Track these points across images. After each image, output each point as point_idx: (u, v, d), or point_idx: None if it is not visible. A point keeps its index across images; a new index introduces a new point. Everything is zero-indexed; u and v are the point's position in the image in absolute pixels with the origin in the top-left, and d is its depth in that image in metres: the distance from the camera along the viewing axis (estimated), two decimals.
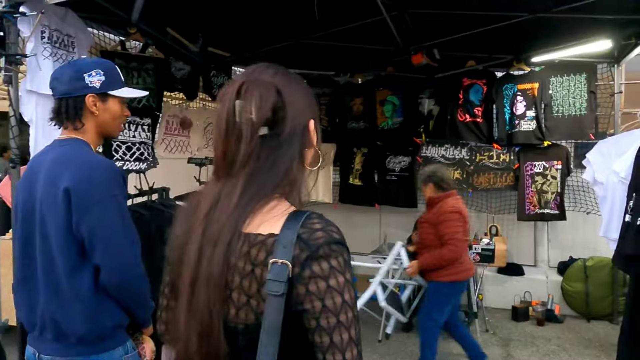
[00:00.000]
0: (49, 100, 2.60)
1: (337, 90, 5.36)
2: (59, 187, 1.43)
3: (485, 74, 4.78)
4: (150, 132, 3.38)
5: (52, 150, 1.57)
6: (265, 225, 0.87)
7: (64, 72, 1.61)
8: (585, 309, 4.60)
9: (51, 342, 1.49)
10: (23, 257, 1.55)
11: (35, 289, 1.51)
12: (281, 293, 0.82)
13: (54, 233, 1.45)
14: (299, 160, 0.93)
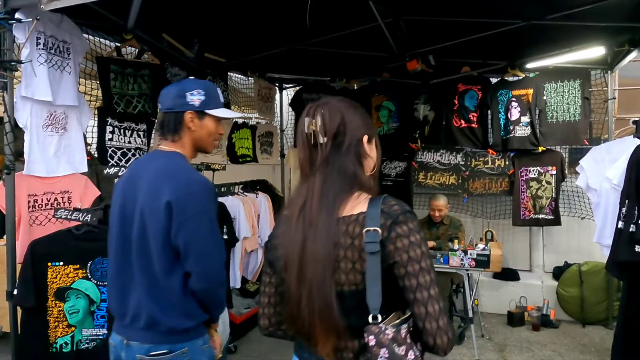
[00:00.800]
0: (44, 107, 2.63)
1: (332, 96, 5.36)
2: (161, 199, 1.60)
3: (480, 80, 4.81)
4: (145, 138, 3.37)
5: (154, 159, 1.75)
6: (355, 208, 1.17)
7: (171, 89, 1.76)
8: (580, 314, 4.61)
9: (142, 330, 1.66)
10: (118, 253, 1.72)
11: (129, 283, 1.69)
12: (377, 251, 1.10)
13: (153, 237, 1.63)
14: (359, 166, 1.23)
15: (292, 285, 1.19)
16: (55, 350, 2.36)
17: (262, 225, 4.47)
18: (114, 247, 1.74)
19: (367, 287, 1.11)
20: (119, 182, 1.81)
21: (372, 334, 1.08)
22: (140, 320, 1.66)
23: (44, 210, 2.68)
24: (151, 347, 1.65)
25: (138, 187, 1.68)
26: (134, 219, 1.66)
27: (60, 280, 2.37)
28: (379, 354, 1.07)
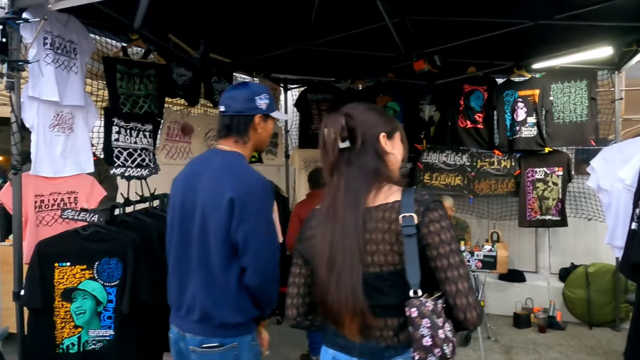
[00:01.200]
0: (51, 107, 2.62)
1: (337, 97, 5.35)
2: (224, 195, 1.67)
3: (486, 81, 4.79)
4: (151, 139, 3.37)
5: (215, 158, 1.81)
6: (389, 197, 1.30)
7: (238, 93, 1.84)
8: (587, 315, 4.58)
9: (196, 322, 1.74)
10: (178, 247, 1.80)
11: (187, 276, 1.77)
12: (413, 234, 1.23)
13: (213, 232, 1.69)
14: (380, 162, 1.36)
15: (322, 273, 1.32)
16: (62, 351, 2.35)
17: None
18: (175, 241, 1.82)
19: (407, 266, 1.24)
20: (177, 179, 1.89)
21: (414, 307, 1.21)
22: (195, 312, 1.74)
23: (50, 211, 2.67)
24: (203, 340, 1.73)
25: (199, 184, 1.76)
26: (195, 214, 1.74)
27: (67, 281, 2.36)
28: (421, 324, 1.19)
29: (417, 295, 1.22)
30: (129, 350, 2.42)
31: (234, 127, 1.82)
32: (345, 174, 1.34)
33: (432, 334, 1.18)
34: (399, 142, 1.42)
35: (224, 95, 1.85)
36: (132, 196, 3.08)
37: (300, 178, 5.49)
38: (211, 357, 1.73)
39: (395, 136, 1.41)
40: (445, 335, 1.20)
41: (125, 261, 2.38)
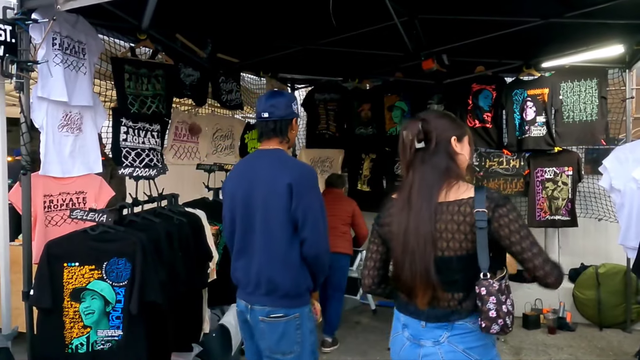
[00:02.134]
0: (60, 107, 2.62)
1: (345, 96, 5.34)
2: (283, 182, 2.00)
3: (495, 80, 4.75)
4: (159, 139, 3.36)
5: (264, 156, 2.15)
6: (462, 194, 1.55)
7: (279, 101, 2.15)
8: (597, 316, 4.53)
9: (263, 296, 2.04)
10: (243, 233, 2.11)
11: (252, 257, 2.07)
12: (485, 227, 1.50)
13: (276, 214, 2.01)
14: (451, 161, 1.61)
15: (397, 254, 1.62)
16: (71, 351, 2.36)
17: None
18: (238, 228, 2.13)
19: (478, 253, 1.51)
20: (231, 177, 2.24)
21: (483, 286, 1.50)
22: (262, 287, 2.04)
23: (59, 211, 2.68)
24: (270, 311, 2.03)
25: (255, 178, 2.09)
26: (256, 203, 2.05)
27: (76, 281, 2.36)
28: (489, 300, 1.48)
29: (487, 277, 1.50)
30: (138, 350, 2.41)
31: (277, 130, 2.13)
32: (420, 170, 1.61)
33: (497, 308, 1.48)
34: (467, 144, 1.68)
35: (265, 104, 2.15)
36: (140, 196, 3.08)
37: None
38: (277, 325, 2.03)
39: (464, 139, 1.67)
40: (507, 309, 1.50)
41: (133, 261, 2.38)
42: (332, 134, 5.42)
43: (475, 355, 1.55)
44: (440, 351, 1.56)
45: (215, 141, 4.12)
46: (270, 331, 2.04)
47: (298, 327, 2.04)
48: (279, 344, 2.04)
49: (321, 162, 5.46)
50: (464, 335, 1.55)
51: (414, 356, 1.61)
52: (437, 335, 1.57)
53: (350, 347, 4.22)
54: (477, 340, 1.56)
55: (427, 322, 1.58)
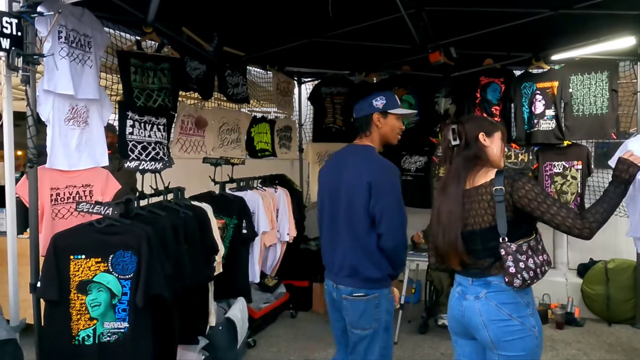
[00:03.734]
0: (66, 100, 2.63)
1: (352, 90, 5.31)
2: (363, 180, 2.20)
3: (503, 73, 4.70)
4: (165, 132, 3.36)
5: (353, 152, 2.36)
6: (487, 178, 1.89)
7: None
8: (606, 312, 4.49)
9: (346, 277, 2.29)
10: (330, 221, 2.37)
11: (337, 243, 2.32)
12: (502, 200, 1.81)
13: (356, 208, 2.23)
14: (481, 152, 1.98)
15: (434, 228, 2.01)
16: (78, 342, 2.38)
17: (280, 220, 4.45)
18: (327, 216, 2.40)
19: (498, 222, 1.82)
20: (324, 170, 2.51)
21: (502, 248, 1.80)
22: (345, 269, 2.28)
23: (66, 204, 2.69)
24: (353, 290, 2.26)
25: (343, 172, 2.30)
26: (342, 195, 2.28)
27: (82, 274, 2.38)
28: (507, 259, 1.79)
29: (505, 241, 1.80)
30: (144, 342, 2.43)
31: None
32: (455, 163, 1.98)
33: (515, 265, 1.77)
34: (497, 139, 2.02)
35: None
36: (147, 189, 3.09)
37: (314, 172, 5.46)
38: (359, 303, 2.26)
39: (495, 135, 2.01)
40: (525, 265, 1.78)
41: (139, 254, 2.39)
42: (338, 127, 5.40)
43: (506, 310, 1.83)
44: (478, 305, 1.89)
45: (222, 135, 4.12)
46: (352, 308, 2.28)
47: (376, 306, 2.28)
48: (359, 320, 2.29)
49: (328, 156, 5.44)
50: (498, 292, 1.86)
51: (459, 307, 1.97)
52: (478, 291, 1.90)
53: None
54: (509, 298, 1.84)
55: (473, 280, 1.93)
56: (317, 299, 5.00)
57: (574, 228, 1.72)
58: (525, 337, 1.83)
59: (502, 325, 1.83)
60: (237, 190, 4.08)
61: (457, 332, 2.05)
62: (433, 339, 4.22)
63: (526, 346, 1.83)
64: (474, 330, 1.92)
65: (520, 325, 1.83)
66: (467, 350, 2.03)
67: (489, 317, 1.85)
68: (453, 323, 2.05)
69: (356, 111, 2.39)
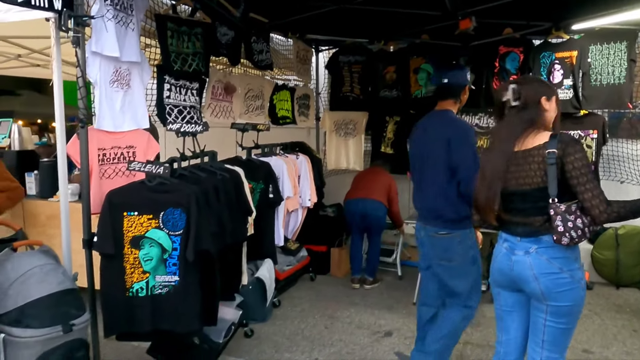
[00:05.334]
0: (111, 62, 2.69)
1: (369, 59, 5.34)
2: (444, 137, 2.66)
3: (523, 42, 4.73)
4: (198, 97, 3.43)
5: (439, 114, 2.84)
6: (541, 140, 1.98)
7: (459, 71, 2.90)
8: (615, 276, 4.68)
9: (432, 219, 2.79)
10: (420, 172, 2.86)
11: (425, 190, 2.83)
12: (554, 163, 1.91)
13: (440, 162, 2.69)
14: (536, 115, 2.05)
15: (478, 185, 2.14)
16: (132, 294, 2.50)
17: (302, 186, 4.55)
18: (417, 169, 2.89)
19: (549, 184, 1.93)
20: (415, 133, 2.95)
21: (551, 208, 1.91)
22: (431, 212, 2.78)
23: (111, 164, 2.79)
24: (438, 229, 2.75)
25: (429, 131, 2.80)
26: (429, 152, 2.76)
27: (135, 229, 2.49)
28: (556, 219, 1.90)
29: (554, 202, 1.91)
30: (192, 295, 2.56)
31: (452, 92, 2.81)
32: (508, 122, 2.07)
33: (563, 224, 1.88)
34: (554, 103, 2.10)
35: (447, 73, 2.83)
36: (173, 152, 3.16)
37: (331, 140, 5.55)
38: (443, 240, 2.75)
39: (552, 99, 2.09)
40: (574, 224, 1.87)
41: (188, 212, 2.49)
42: (356, 96, 5.45)
43: (557, 264, 1.96)
44: (529, 259, 2.02)
45: (247, 101, 4.18)
46: (438, 244, 2.77)
47: (459, 243, 2.72)
48: (444, 253, 2.76)
49: (345, 125, 5.52)
50: (548, 248, 1.98)
51: (508, 261, 2.10)
52: (527, 247, 2.03)
53: (376, 302, 4.39)
54: (559, 252, 1.96)
55: (521, 238, 2.05)
56: (334, 263, 5.17)
57: (596, 208, 1.83)
58: (574, 289, 1.96)
59: (553, 278, 1.95)
60: (261, 156, 4.17)
61: (501, 285, 2.18)
62: None
63: (574, 297, 1.97)
64: (523, 282, 2.04)
65: (569, 277, 1.95)
66: (510, 301, 2.17)
67: (540, 271, 1.97)
68: (499, 276, 2.17)
69: (450, 77, 2.77)
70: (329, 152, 5.54)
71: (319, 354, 3.39)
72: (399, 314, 4.13)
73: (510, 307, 2.19)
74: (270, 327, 3.84)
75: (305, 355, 3.37)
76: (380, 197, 4.73)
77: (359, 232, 4.82)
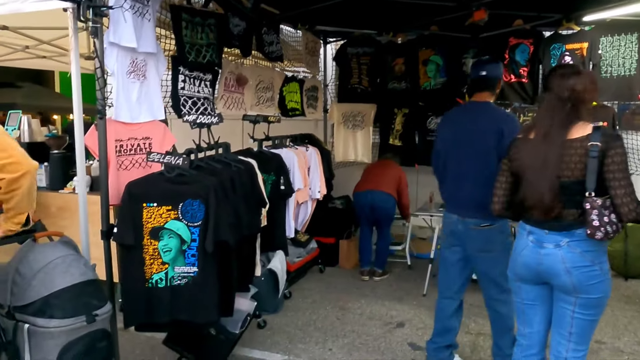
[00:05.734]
0: (127, 53, 2.67)
1: (378, 50, 5.33)
2: (495, 127, 2.67)
3: (533, 34, 4.73)
4: (211, 88, 3.42)
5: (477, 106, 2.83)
6: (584, 131, 1.98)
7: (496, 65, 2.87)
8: (623, 267, 4.70)
9: (472, 211, 2.72)
10: (456, 163, 2.81)
11: (464, 181, 2.77)
12: (596, 156, 1.91)
13: (489, 152, 2.66)
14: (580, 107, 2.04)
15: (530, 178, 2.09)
16: (151, 285, 2.51)
17: (312, 178, 4.55)
18: (451, 160, 2.83)
19: (587, 177, 1.93)
20: (445, 122, 3.00)
21: (587, 202, 1.91)
22: (474, 204, 2.69)
23: (128, 155, 2.78)
24: (479, 221, 2.71)
25: (470, 123, 2.77)
26: (473, 142, 2.73)
27: (155, 220, 2.49)
28: (592, 213, 1.89)
29: (591, 195, 1.91)
30: (211, 286, 2.56)
31: (490, 85, 2.81)
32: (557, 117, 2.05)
33: (599, 218, 1.87)
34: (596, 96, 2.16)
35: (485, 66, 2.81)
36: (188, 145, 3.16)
37: (339, 132, 5.55)
38: (484, 232, 2.72)
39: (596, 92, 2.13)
40: (609, 220, 1.88)
41: (207, 203, 2.49)
42: (364, 88, 5.45)
43: (589, 257, 1.97)
44: (560, 252, 2.01)
45: (258, 93, 4.16)
46: (479, 236, 2.74)
47: (500, 233, 2.75)
48: (485, 245, 2.75)
49: (353, 117, 5.51)
50: (580, 241, 1.98)
51: (536, 255, 2.09)
52: (558, 240, 2.03)
53: (387, 293, 4.41)
54: (591, 246, 1.97)
55: (550, 231, 2.05)
56: (343, 255, 5.18)
57: (625, 206, 1.86)
58: (604, 281, 2.00)
59: (586, 271, 1.96)
60: (272, 148, 4.16)
61: (524, 279, 2.18)
62: None
63: (604, 289, 2.00)
64: (553, 276, 2.04)
65: (599, 270, 1.98)
66: (532, 294, 2.19)
67: (573, 264, 1.97)
68: (523, 270, 2.16)
69: (489, 70, 2.78)
70: (337, 144, 5.54)
71: (333, 345, 3.41)
72: (409, 305, 4.15)
73: (532, 301, 2.19)
74: (282, 318, 3.86)
75: (319, 346, 3.39)
76: (389, 189, 4.73)
77: (368, 224, 4.83)
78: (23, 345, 2.07)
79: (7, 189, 1.59)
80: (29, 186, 1.66)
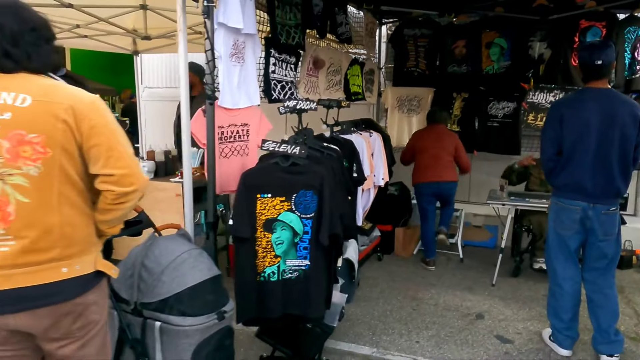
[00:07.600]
0: (230, 35, 2.53)
1: (437, 32, 5.15)
2: (633, 115, 2.72)
3: (606, 16, 4.54)
4: (294, 71, 3.28)
5: (604, 93, 2.80)
6: None
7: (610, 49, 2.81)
8: None
9: (607, 198, 2.82)
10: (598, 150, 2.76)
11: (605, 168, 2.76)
12: None
13: (630, 140, 2.74)
14: None
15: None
16: (264, 279, 2.42)
17: (376, 164, 4.43)
18: (592, 146, 2.77)
19: None
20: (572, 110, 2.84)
21: None
22: (611, 190, 2.80)
23: (228, 143, 2.66)
24: (610, 207, 2.83)
25: (607, 108, 2.75)
26: (615, 129, 2.72)
27: (268, 212, 2.38)
28: None
29: None
30: (321, 279, 2.48)
31: (608, 71, 2.82)
32: None
33: None
34: None
35: (601, 53, 2.74)
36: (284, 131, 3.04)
37: (393, 116, 5.40)
38: (613, 216, 2.85)
39: None
40: None
41: (320, 194, 2.39)
42: (421, 71, 5.28)
43: None
44: None
45: (329, 76, 4.01)
46: (609, 220, 2.84)
47: (618, 215, 2.89)
48: (611, 228, 2.86)
49: (408, 101, 5.36)
50: None
51: None
52: None
53: (454, 283, 4.33)
54: None
55: None
56: (399, 243, 5.09)
57: None
58: None
59: None
60: (341, 134, 4.03)
61: None
62: (527, 281, 4.33)
63: None
64: None
65: None
66: None
67: None
68: None
69: (607, 55, 2.75)
70: (391, 128, 5.38)
71: (418, 337, 3.33)
72: (481, 295, 4.06)
73: None
74: (356, 308, 3.77)
75: (404, 339, 3.31)
76: (452, 174, 4.63)
77: (432, 214, 4.70)
78: (153, 343, 1.99)
79: (114, 201, 1.43)
80: (135, 203, 1.50)
